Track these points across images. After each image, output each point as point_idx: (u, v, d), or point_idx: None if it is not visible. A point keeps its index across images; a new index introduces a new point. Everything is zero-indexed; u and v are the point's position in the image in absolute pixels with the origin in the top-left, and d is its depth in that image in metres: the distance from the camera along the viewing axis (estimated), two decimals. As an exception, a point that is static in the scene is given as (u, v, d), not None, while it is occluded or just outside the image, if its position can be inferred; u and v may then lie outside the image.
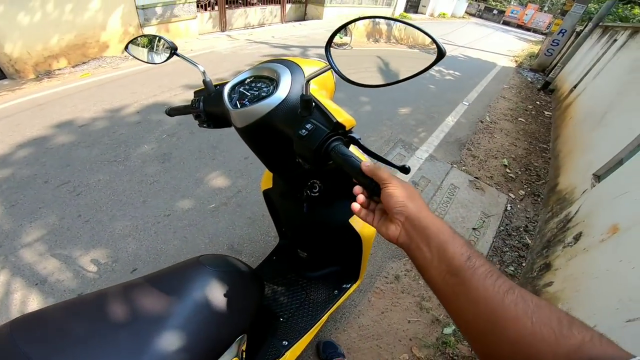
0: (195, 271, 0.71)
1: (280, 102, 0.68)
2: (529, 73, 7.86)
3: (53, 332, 0.55)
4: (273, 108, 0.68)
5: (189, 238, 1.86)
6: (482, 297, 0.36)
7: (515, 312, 0.33)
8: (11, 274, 1.59)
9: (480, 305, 0.36)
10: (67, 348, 0.53)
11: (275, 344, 1.06)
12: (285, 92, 0.68)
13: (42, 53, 4.00)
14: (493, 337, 0.34)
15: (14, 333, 0.53)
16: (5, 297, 1.50)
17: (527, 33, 22.61)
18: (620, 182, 1.64)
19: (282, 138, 0.70)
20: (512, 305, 0.34)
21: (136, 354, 0.54)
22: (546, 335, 0.31)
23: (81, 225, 1.87)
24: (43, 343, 0.52)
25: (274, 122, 0.69)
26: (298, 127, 0.62)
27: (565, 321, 0.32)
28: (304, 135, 0.60)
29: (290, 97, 0.68)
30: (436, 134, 3.61)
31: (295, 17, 9.35)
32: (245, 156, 2.60)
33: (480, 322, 0.36)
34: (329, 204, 1.00)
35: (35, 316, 0.59)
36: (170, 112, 0.97)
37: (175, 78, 3.97)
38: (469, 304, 0.37)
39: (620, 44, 3.88)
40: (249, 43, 6.18)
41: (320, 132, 0.60)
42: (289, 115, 0.67)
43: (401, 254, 1.96)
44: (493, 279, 0.36)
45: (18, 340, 0.51)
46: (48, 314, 0.60)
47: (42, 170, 2.23)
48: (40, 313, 0.60)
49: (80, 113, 3.01)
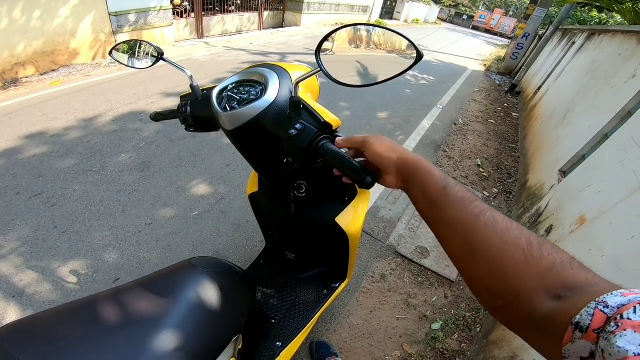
0: (187, 273, 0.71)
1: (269, 104, 0.70)
2: (497, 76, 8.25)
3: (45, 337, 0.54)
4: (262, 110, 0.70)
5: (173, 246, 1.83)
6: (457, 221, 0.39)
7: (486, 231, 0.36)
8: None
9: (457, 228, 0.39)
10: (61, 353, 0.52)
11: (269, 346, 1.07)
12: (273, 95, 0.71)
13: (8, 60, 3.84)
14: (471, 257, 0.37)
15: (5, 339, 0.51)
16: None
17: (494, 37, 23.76)
18: (584, 176, 1.77)
19: (271, 139, 0.73)
20: (483, 226, 0.36)
21: (132, 356, 0.54)
22: (516, 255, 0.33)
23: (58, 236, 1.80)
24: (35, 349, 0.51)
25: (263, 124, 0.71)
26: (288, 127, 0.64)
27: (536, 242, 0.33)
28: (294, 135, 0.63)
29: (278, 99, 0.71)
30: (413, 137, 3.73)
31: (273, 24, 9.40)
32: (227, 163, 2.59)
33: (458, 245, 0.39)
34: (315, 205, 1.03)
35: (26, 322, 0.58)
36: (156, 117, 0.97)
37: (150, 85, 3.89)
38: (447, 229, 0.40)
39: (579, 47, 4.15)
40: (227, 50, 6.15)
41: (309, 131, 0.63)
42: (278, 117, 0.70)
43: (385, 253, 2.01)
44: (466, 203, 0.39)
45: (9, 346, 0.50)
46: (39, 319, 0.59)
47: (13, 181, 2.13)
48: (31, 319, 0.58)
49: (52, 122, 2.90)
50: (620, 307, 0.23)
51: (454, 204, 0.40)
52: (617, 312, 0.23)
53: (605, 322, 0.23)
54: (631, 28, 2.66)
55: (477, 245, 0.36)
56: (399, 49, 0.55)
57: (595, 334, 0.23)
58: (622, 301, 0.23)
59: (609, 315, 0.23)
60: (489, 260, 0.35)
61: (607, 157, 1.69)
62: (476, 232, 0.36)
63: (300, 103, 0.68)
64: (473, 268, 0.37)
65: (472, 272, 0.37)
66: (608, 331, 0.22)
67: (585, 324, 0.24)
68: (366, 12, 14.18)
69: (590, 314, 0.24)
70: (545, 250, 0.32)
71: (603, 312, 0.23)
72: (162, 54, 0.87)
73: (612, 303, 0.24)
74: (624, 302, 0.23)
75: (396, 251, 2.03)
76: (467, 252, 0.37)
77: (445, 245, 0.41)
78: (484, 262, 0.35)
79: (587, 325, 0.24)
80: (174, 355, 0.57)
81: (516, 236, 0.34)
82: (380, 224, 2.24)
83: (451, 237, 0.40)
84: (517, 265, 0.32)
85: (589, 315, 0.24)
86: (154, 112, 0.96)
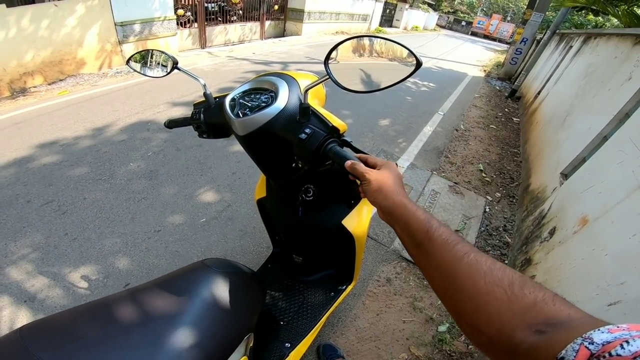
0: (201, 273, 0.74)
1: (279, 110, 0.75)
2: (497, 82, 8.32)
3: (64, 337, 0.56)
4: (273, 116, 0.74)
5: (182, 252, 1.87)
6: (442, 263, 0.41)
7: (469, 272, 0.38)
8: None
9: (441, 269, 0.41)
10: (81, 351, 0.53)
11: (278, 347, 1.09)
12: (284, 102, 0.76)
13: (17, 70, 3.90)
14: (456, 296, 0.39)
15: (25, 339, 0.53)
16: None
17: (493, 43, 23.94)
18: (585, 178, 1.80)
19: (281, 144, 0.77)
20: (467, 267, 0.38)
21: (151, 353, 0.56)
22: (498, 294, 0.34)
23: (69, 243, 1.84)
24: (55, 348, 0.53)
25: (274, 129, 0.75)
26: (298, 132, 0.69)
27: (517, 282, 0.35)
28: (304, 139, 0.67)
29: (288, 106, 0.76)
30: (415, 143, 3.77)
31: (275, 34, 9.54)
32: (233, 171, 2.63)
33: (444, 284, 0.41)
34: (322, 208, 1.06)
35: (45, 322, 0.59)
36: (170, 124, 1.00)
37: (156, 95, 3.96)
38: (433, 270, 0.43)
39: (576, 50, 4.19)
40: (230, 59, 6.25)
41: (318, 135, 0.67)
42: (288, 122, 0.75)
43: (390, 257, 2.03)
44: (451, 246, 0.41)
45: (30, 345, 0.51)
46: (56, 320, 0.60)
47: (24, 190, 2.18)
48: (50, 319, 0.60)
49: (61, 132, 2.96)
50: (606, 344, 0.23)
51: (439, 247, 0.42)
52: (603, 349, 0.23)
53: (589, 358, 0.23)
54: (625, 31, 2.71)
55: (461, 285, 0.38)
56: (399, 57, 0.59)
57: None
58: (608, 338, 0.23)
59: (593, 352, 0.23)
60: (472, 299, 0.36)
61: (606, 159, 1.72)
62: (460, 274, 0.39)
63: (310, 109, 0.72)
64: (457, 306, 0.39)
65: (457, 310, 0.39)
66: None
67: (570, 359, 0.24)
68: (366, 20, 14.36)
69: (576, 349, 0.24)
70: (527, 289, 0.34)
71: (587, 349, 0.24)
72: (177, 62, 0.92)
73: (598, 340, 0.24)
74: (610, 339, 0.23)
75: (401, 255, 2.06)
76: (451, 291, 0.40)
77: (431, 283, 0.44)
78: (468, 300, 0.37)
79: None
80: (190, 352, 0.59)
81: (499, 277, 0.36)
82: (385, 229, 2.27)
83: (437, 277, 0.42)
84: (499, 303, 0.34)
85: (574, 351, 0.24)
86: (168, 120, 1.00)
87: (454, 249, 0.41)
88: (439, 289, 0.42)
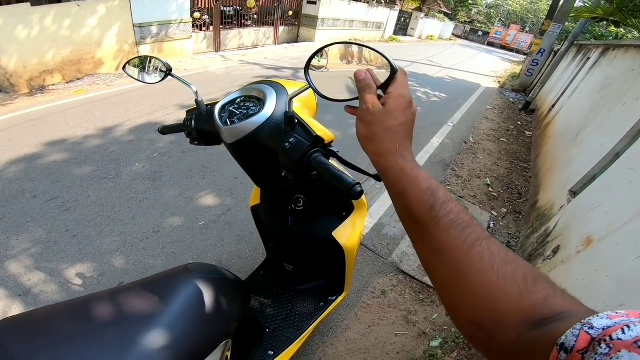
0: (182, 277, 0.74)
1: (266, 119, 0.74)
2: (511, 94, 8.18)
3: (39, 332, 0.56)
4: (260, 125, 0.74)
5: (178, 254, 1.88)
6: (447, 248, 0.35)
7: (481, 266, 0.33)
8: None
9: (444, 256, 0.35)
10: (52, 347, 0.54)
11: (261, 354, 1.08)
12: (270, 111, 0.75)
13: (37, 68, 4.04)
14: (458, 288, 0.34)
15: (1, 333, 0.54)
16: None
17: (510, 53, 23.66)
18: (594, 197, 1.73)
19: (269, 153, 0.76)
20: (478, 258, 0.33)
21: (120, 353, 0.56)
22: (510, 290, 0.31)
23: (69, 239, 1.87)
24: (29, 343, 0.54)
25: (261, 137, 0.75)
26: (282, 141, 0.68)
27: (531, 277, 0.32)
28: (288, 148, 0.66)
29: (275, 115, 0.75)
30: (421, 155, 3.71)
31: (288, 39, 9.65)
32: (235, 176, 2.65)
33: (445, 273, 0.35)
34: (313, 219, 1.05)
35: (24, 317, 0.61)
36: (163, 130, 1.02)
37: (167, 97, 4.04)
38: (433, 254, 0.36)
39: (593, 62, 4.09)
40: (242, 64, 6.34)
41: (302, 144, 0.66)
42: (274, 131, 0.74)
43: (387, 270, 1.99)
44: (459, 229, 0.35)
45: (4, 339, 0.53)
46: (35, 315, 0.61)
47: (31, 185, 2.24)
48: (28, 315, 0.61)
49: (73, 130, 3.04)
50: (606, 329, 0.22)
51: (444, 228, 0.35)
52: (603, 334, 0.22)
53: (590, 342, 0.22)
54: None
55: (466, 277, 0.33)
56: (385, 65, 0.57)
57: (579, 355, 0.22)
58: (608, 323, 0.23)
59: (594, 336, 0.23)
60: (479, 293, 0.32)
61: (616, 177, 1.66)
62: (468, 266, 0.33)
63: (295, 118, 0.72)
64: (457, 298, 0.35)
65: (455, 302, 0.35)
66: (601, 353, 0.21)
67: (570, 344, 0.23)
68: (380, 28, 14.39)
69: (575, 335, 0.23)
70: (540, 284, 0.31)
71: (588, 333, 0.23)
72: (171, 69, 0.92)
73: (598, 325, 0.23)
74: (610, 324, 0.23)
75: (398, 268, 2.01)
76: (453, 282, 0.35)
77: (428, 269, 0.38)
78: (473, 294, 0.33)
79: (571, 346, 0.23)
80: (161, 353, 0.59)
81: (513, 270, 0.32)
82: (383, 241, 2.23)
83: (437, 264, 0.36)
84: (510, 300, 0.31)
85: (574, 337, 0.23)
86: (161, 126, 1.01)
87: (462, 233, 0.34)
88: (437, 277, 0.37)
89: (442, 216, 0.35)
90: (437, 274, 0.36)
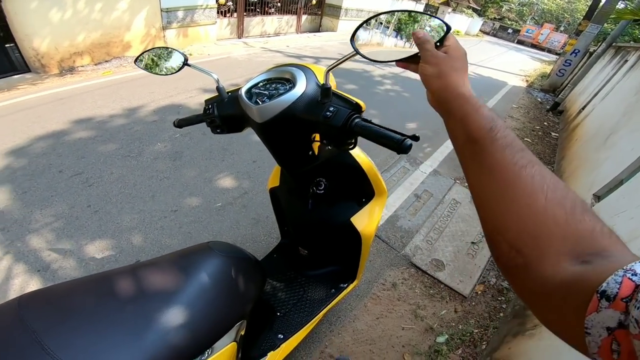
0: (203, 255, 0.75)
1: (300, 95, 0.76)
2: (539, 93, 7.87)
3: (59, 308, 0.57)
4: (294, 100, 0.76)
5: (194, 234, 1.93)
6: (498, 165, 0.35)
7: (530, 186, 0.33)
8: (15, 259, 1.65)
9: (495, 173, 0.35)
10: (72, 323, 0.55)
11: (271, 337, 1.10)
12: (302, 88, 0.77)
13: (68, 49, 4.18)
14: (503, 208, 0.34)
15: (22, 308, 0.55)
16: (5, 281, 1.54)
17: (541, 53, 22.66)
18: (619, 202, 1.66)
19: (299, 130, 0.79)
20: (529, 178, 0.33)
21: (139, 330, 0.57)
22: (557, 215, 0.30)
23: (90, 215, 1.95)
24: (49, 318, 0.54)
25: (295, 112, 0.76)
26: (321, 112, 0.71)
27: (580, 206, 0.31)
28: (329, 116, 0.70)
29: (307, 91, 0.77)
30: (441, 150, 3.64)
31: (311, 28, 9.56)
32: (253, 159, 2.68)
33: (492, 191, 0.36)
34: (332, 203, 1.06)
35: (43, 292, 0.61)
36: (180, 123, 0.97)
37: (190, 81, 4.10)
38: (484, 171, 0.37)
39: (631, 65, 3.89)
40: (264, 51, 6.35)
41: (343, 112, 0.70)
42: (309, 104, 0.76)
43: (400, 262, 1.99)
44: (514, 151, 0.35)
45: (25, 315, 0.53)
46: (55, 290, 0.62)
47: (57, 160, 2.34)
48: (48, 289, 0.62)
49: (99, 109, 3.14)
50: None
51: (499, 148, 0.36)
52: None
53: (634, 290, 0.21)
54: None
55: (514, 197, 0.33)
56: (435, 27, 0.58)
57: (623, 303, 0.22)
58: None
59: (638, 283, 0.22)
60: (524, 216, 0.32)
61: (645, 183, 1.58)
62: (518, 184, 0.33)
63: (331, 89, 0.74)
64: (500, 219, 0.34)
65: (498, 224, 0.34)
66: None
67: (613, 292, 0.22)
68: (406, 20, 14.06)
69: (618, 281, 0.22)
70: (588, 215, 0.30)
71: (631, 280, 0.22)
72: (187, 59, 0.91)
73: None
74: None
75: (411, 261, 2.00)
76: (499, 202, 0.34)
77: (476, 188, 0.38)
78: (517, 216, 0.32)
79: (614, 293, 0.22)
80: (178, 332, 0.59)
81: (562, 195, 0.31)
82: (397, 233, 2.22)
83: (486, 182, 0.36)
84: (555, 226, 0.30)
85: (617, 284, 0.22)
86: (177, 120, 0.96)
87: (516, 154, 0.35)
88: (483, 196, 0.37)
89: (499, 137, 0.37)
90: (484, 192, 0.37)
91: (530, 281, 0.31)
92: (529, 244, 0.31)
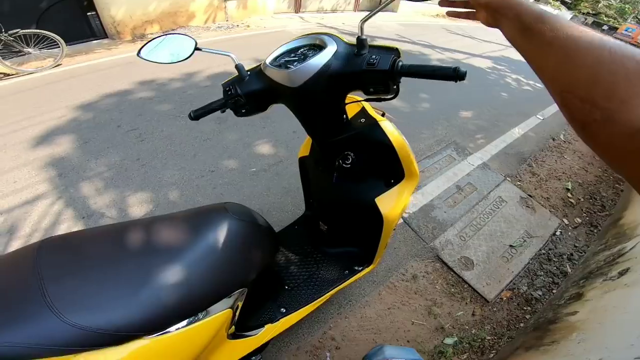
0: (217, 216, 0.75)
1: (333, 53, 0.76)
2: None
3: (71, 255, 0.60)
4: (330, 58, 0.76)
5: (225, 195, 2.02)
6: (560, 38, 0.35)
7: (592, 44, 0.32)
8: (66, 204, 1.85)
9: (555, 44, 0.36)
10: (78, 272, 0.57)
11: (272, 309, 1.08)
12: (334, 48, 0.77)
13: (141, 18, 4.53)
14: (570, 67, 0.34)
15: (39, 252, 0.58)
16: (52, 226, 1.72)
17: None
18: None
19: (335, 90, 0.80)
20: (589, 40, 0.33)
21: (136, 284, 0.58)
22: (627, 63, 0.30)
23: (137, 168, 2.13)
24: (59, 266, 0.57)
25: (332, 69, 0.76)
26: (361, 62, 0.73)
27: None
28: (374, 62, 0.71)
29: (339, 49, 0.77)
30: (496, 143, 3.35)
31: (369, 7, 9.13)
32: (293, 130, 2.70)
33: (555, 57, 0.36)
34: (358, 180, 1.02)
35: (62, 239, 0.64)
36: (196, 113, 0.90)
37: (245, 50, 4.25)
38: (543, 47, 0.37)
39: None
40: (319, 27, 6.25)
41: (387, 57, 0.71)
42: (346, 59, 0.77)
43: (425, 255, 1.90)
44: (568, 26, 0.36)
45: (38, 259, 0.56)
46: (72, 238, 0.66)
47: (118, 116, 2.58)
48: (66, 236, 0.66)
49: (161, 73, 3.38)
50: None
51: (554, 26, 0.36)
52: None
53: None
54: None
55: (578, 54, 0.33)
56: None
57: None
58: None
59: None
60: (592, 67, 0.31)
61: None
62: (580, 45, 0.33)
63: (366, 40, 0.75)
64: (569, 78, 0.34)
65: (567, 82, 0.34)
66: None
67: None
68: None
69: None
70: None
71: None
72: (196, 43, 0.87)
73: None
74: None
75: (438, 255, 1.91)
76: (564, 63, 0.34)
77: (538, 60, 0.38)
78: (585, 69, 0.32)
79: None
80: (175, 289, 0.60)
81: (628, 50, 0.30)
82: (429, 224, 2.12)
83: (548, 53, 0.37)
84: (629, 72, 0.29)
85: None
86: (192, 111, 0.89)
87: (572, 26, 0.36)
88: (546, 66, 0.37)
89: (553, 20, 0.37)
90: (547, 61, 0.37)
91: (613, 133, 0.30)
92: (603, 95, 0.30)
